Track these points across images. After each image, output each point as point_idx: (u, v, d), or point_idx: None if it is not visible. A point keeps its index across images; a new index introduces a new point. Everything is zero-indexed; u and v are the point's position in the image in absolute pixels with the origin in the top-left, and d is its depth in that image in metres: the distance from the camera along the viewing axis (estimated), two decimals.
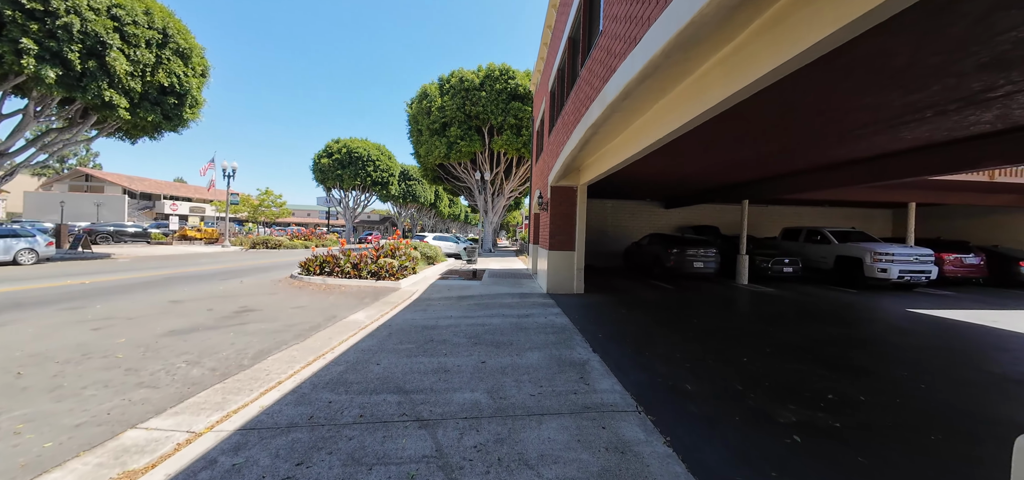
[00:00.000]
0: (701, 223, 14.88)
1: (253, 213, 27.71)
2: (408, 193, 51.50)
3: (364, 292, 8.65)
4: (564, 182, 8.46)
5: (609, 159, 6.59)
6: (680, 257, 10.13)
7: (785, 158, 7.50)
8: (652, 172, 9.37)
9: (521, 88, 23.01)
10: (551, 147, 9.07)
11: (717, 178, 9.63)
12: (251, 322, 5.64)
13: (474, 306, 7.05)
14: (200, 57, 16.04)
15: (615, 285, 10.04)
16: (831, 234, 10.86)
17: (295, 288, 8.80)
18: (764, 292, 9.22)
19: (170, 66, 14.55)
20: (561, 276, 8.54)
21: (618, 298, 8.17)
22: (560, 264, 8.53)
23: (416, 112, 26.14)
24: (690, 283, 10.28)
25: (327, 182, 40.41)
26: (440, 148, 24.24)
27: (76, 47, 11.45)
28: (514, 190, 29.39)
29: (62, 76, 11.49)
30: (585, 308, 7.01)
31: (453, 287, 9.34)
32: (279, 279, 10.17)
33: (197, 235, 25.52)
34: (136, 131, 16.34)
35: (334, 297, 7.91)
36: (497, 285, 9.75)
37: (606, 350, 4.49)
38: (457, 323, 5.70)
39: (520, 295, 8.25)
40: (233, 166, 23.48)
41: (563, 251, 8.57)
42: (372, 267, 9.96)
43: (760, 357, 4.48)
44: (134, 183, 48.15)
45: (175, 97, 15.12)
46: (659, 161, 8.24)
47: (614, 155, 6.30)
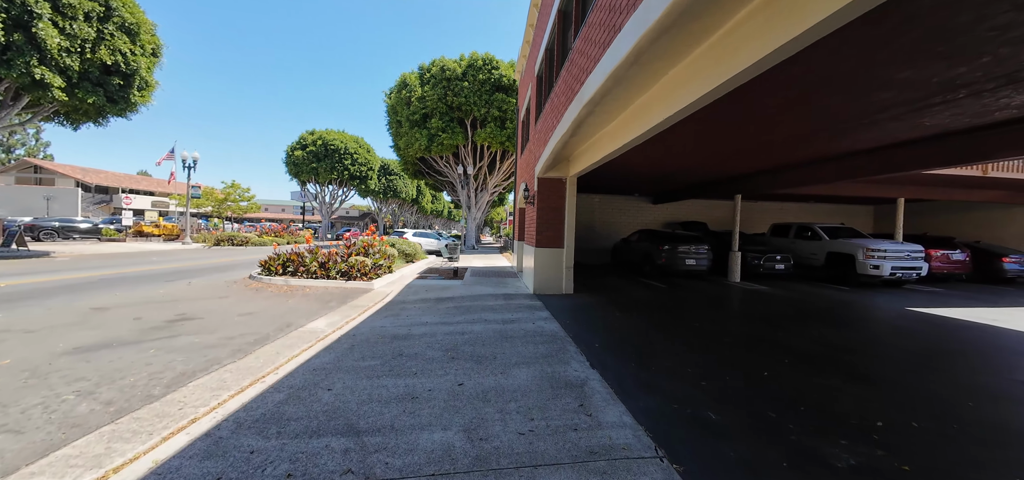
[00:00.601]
0: (689, 219, 14.56)
1: (218, 208, 25.86)
2: (389, 188, 49.96)
3: (331, 294, 7.76)
4: (552, 173, 7.80)
5: (603, 146, 5.95)
6: (671, 254, 9.66)
7: (787, 148, 7.06)
8: (645, 163, 8.82)
9: (505, 79, 22.22)
10: (538, 136, 8.38)
11: (712, 171, 9.18)
12: (183, 334, 4.73)
13: (453, 310, 6.30)
14: (150, 34, 14.55)
15: (605, 284, 9.48)
16: (822, 230, 10.65)
17: (251, 291, 7.81)
18: (759, 291, 8.85)
19: (114, 43, 13.07)
20: (549, 275, 7.89)
21: (609, 299, 7.58)
22: (548, 262, 7.88)
23: (395, 103, 24.96)
24: (682, 281, 9.84)
25: (301, 176, 38.52)
26: (420, 140, 23.21)
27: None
28: (498, 185, 28.62)
29: None
30: (576, 311, 6.37)
31: (431, 288, 8.56)
32: (235, 280, 9.12)
33: (155, 231, 23.62)
34: (77, 115, 14.72)
35: (295, 301, 7.00)
36: (480, 285, 9.02)
37: (605, 364, 3.84)
38: (433, 331, 4.95)
39: (504, 296, 7.55)
40: (193, 156, 21.78)
41: (551, 248, 7.92)
42: (342, 266, 9.05)
43: (780, 369, 3.94)
44: (89, 175, 44.77)
45: (120, 77, 13.62)
46: (655, 151, 7.68)
47: (609, 141, 5.67)
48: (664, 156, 8.14)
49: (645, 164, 8.90)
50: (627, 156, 7.77)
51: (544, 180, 7.93)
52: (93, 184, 43.59)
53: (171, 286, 8.02)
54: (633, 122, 4.69)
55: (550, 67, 7.62)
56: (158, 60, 15.35)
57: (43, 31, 10.51)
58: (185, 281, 8.64)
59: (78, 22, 12.09)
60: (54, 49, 11.04)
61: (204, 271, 10.64)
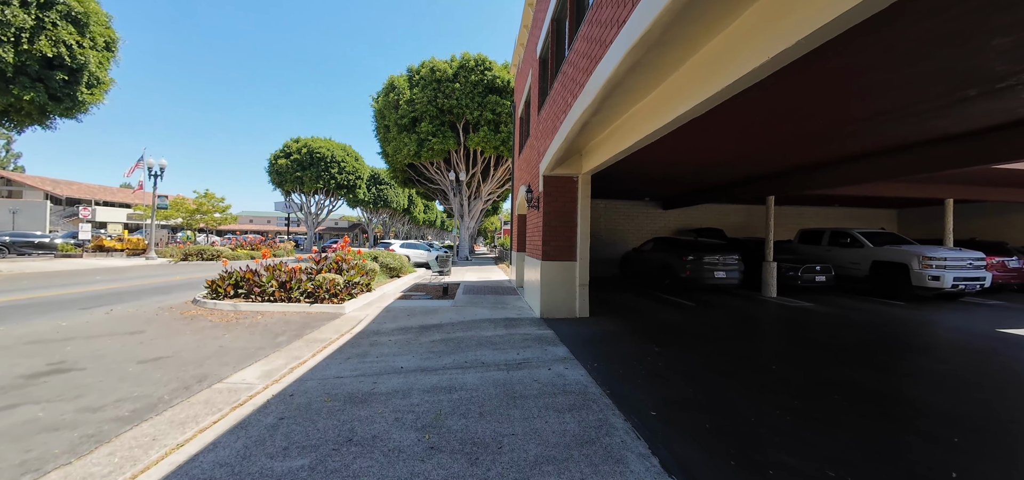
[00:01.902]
0: (703, 226, 13.27)
1: (189, 219, 24.00)
2: (379, 198, 48.32)
3: (288, 323, 6.19)
4: (561, 170, 6.40)
5: (624, 136, 4.60)
6: (697, 266, 8.28)
7: (826, 142, 5.78)
8: (666, 160, 7.49)
9: (499, 80, 20.99)
10: (542, 126, 7.00)
11: (744, 168, 7.88)
12: (26, 403, 3.15)
13: (440, 345, 4.80)
14: (103, 25, 12.98)
15: (621, 303, 8.04)
16: (862, 236, 9.39)
17: (182, 321, 6.21)
18: (806, 309, 7.48)
19: (57, 33, 11.49)
20: (559, 295, 6.43)
21: (635, 325, 6.13)
22: (557, 279, 6.43)
23: (382, 107, 23.57)
24: (711, 298, 8.43)
25: (285, 185, 36.77)
26: (409, 146, 21.79)
27: None
28: (492, 193, 27.25)
29: None
30: (600, 345, 4.91)
31: (415, 311, 7.04)
32: (172, 305, 7.50)
33: (118, 245, 21.65)
34: (18, 116, 12.98)
35: (235, 335, 5.43)
36: (474, 306, 7.52)
37: (685, 458, 2.38)
38: (407, 387, 3.45)
39: (506, 323, 6.06)
40: (160, 164, 20.02)
41: (560, 262, 6.48)
42: (307, 286, 7.49)
43: (953, 448, 2.51)
44: (59, 187, 42.45)
45: (65, 73, 12.00)
46: (683, 142, 6.34)
47: (633, 129, 4.33)
48: (692, 149, 6.81)
49: (666, 160, 7.56)
50: (644, 152, 6.42)
51: (551, 179, 6.53)
52: (64, 196, 41.24)
53: (84, 316, 6.37)
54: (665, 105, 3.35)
55: (558, 40, 6.27)
56: (113, 55, 13.74)
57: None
58: (107, 309, 6.98)
59: (11, 7, 10.52)
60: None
61: (144, 293, 8.96)
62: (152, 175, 20.12)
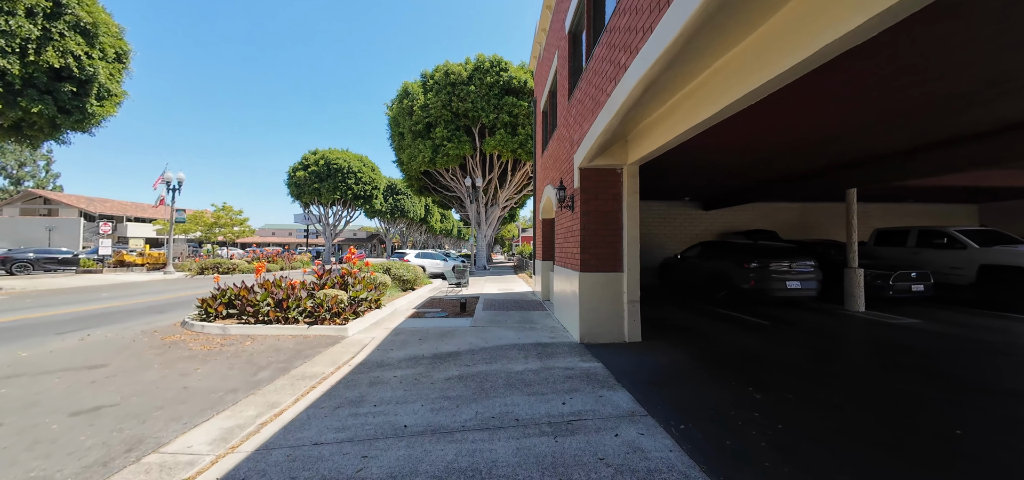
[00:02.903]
0: (750, 227, 11.75)
1: (207, 232, 24.00)
2: (396, 208, 48.20)
3: (279, 351, 5.23)
4: (602, 161, 5.23)
5: (689, 111, 3.50)
6: (763, 274, 6.89)
7: (957, 111, 4.40)
8: (727, 146, 6.22)
9: (516, 81, 20.07)
10: (575, 112, 5.88)
11: (820, 155, 6.50)
12: None
13: (457, 387, 3.68)
14: (113, 36, 12.73)
15: (672, 320, 6.74)
16: (964, 235, 7.77)
17: (160, 348, 5.33)
18: (922, 330, 5.94)
19: (64, 44, 11.20)
20: (601, 314, 5.23)
21: (706, 353, 4.85)
22: (599, 295, 5.23)
23: (396, 114, 23.03)
24: (783, 313, 7.00)
25: (304, 197, 36.88)
26: (424, 152, 21.06)
27: None
28: (510, 199, 26.23)
29: None
30: (674, 388, 3.68)
31: (428, 333, 5.96)
32: (157, 328, 6.69)
33: (138, 260, 21.72)
34: (31, 130, 12.82)
35: (210, 368, 4.48)
36: (497, 326, 6.38)
37: None
38: (409, 468, 2.33)
39: (539, 351, 4.89)
40: (178, 178, 19.95)
41: (603, 273, 5.28)
42: (307, 304, 6.55)
43: None
44: (93, 204, 44.16)
45: (74, 84, 11.71)
46: (758, 121, 5.08)
47: (705, 100, 3.22)
48: (769, 130, 5.52)
49: (728, 147, 6.28)
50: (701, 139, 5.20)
51: (590, 172, 5.37)
52: (97, 213, 42.81)
53: (54, 342, 5.59)
54: (758, 62, 2.17)
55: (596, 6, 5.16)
56: (124, 67, 13.49)
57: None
58: (85, 333, 6.21)
59: (17, 17, 10.23)
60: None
61: (138, 313, 8.25)
62: (170, 189, 20.07)
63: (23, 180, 49.10)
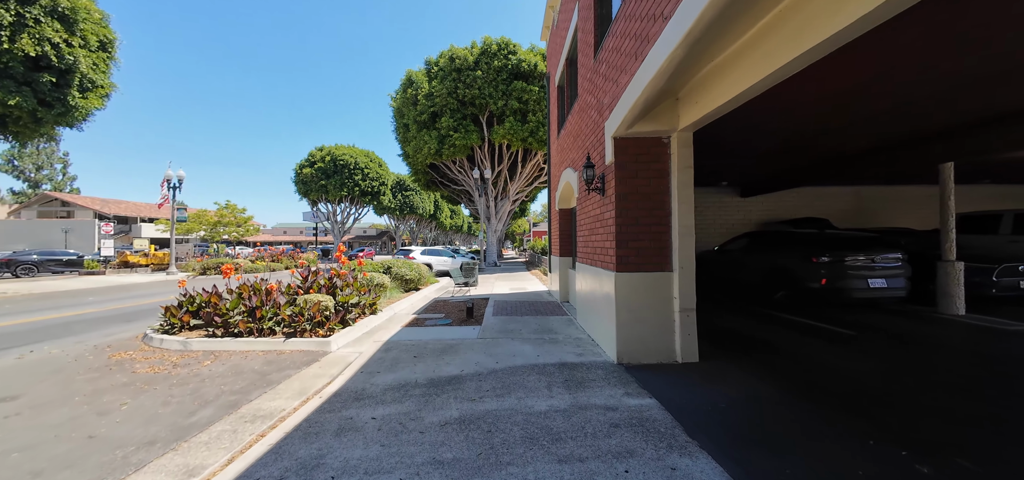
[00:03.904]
0: (797, 215, 10.31)
1: (211, 231, 23.53)
2: (405, 204, 47.44)
3: (239, 374, 4.21)
4: (644, 127, 4.02)
5: (769, 54, 2.25)
6: (837, 270, 5.57)
7: None
8: (800, 104, 4.94)
9: (525, 65, 18.79)
10: (607, 67, 4.66)
11: (907, 120, 5.14)
12: None
13: (456, 441, 2.56)
14: (96, 23, 11.93)
15: (727, 329, 5.51)
16: None
17: (99, 371, 4.37)
18: None
19: (40, 31, 10.41)
20: (645, 326, 4.04)
21: (796, 381, 3.64)
22: (642, 301, 4.05)
23: (401, 104, 22.02)
24: (864, 317, 5.68)
25: (311, 194, 36.37)
26: (430, 143, 20.00)
27: None
28: (520, 192, 25.03)
29: None
30: (777, 447, 2.49)
31: (425, 349, 4.87)
32: (112, 343, 5.77)
33: (143, 261, 21.31)
34: (16, 126, 12.15)
35: (139, 403, 3.48)
36: (510, 338, 5.25)
37: None
38: None
39: (564, 375, 3.75)
40: (179, 175, 19.35)
41: (645, 273, 4.09)
42: (285, 313, 5.53)
43: None
44: (108, 206, 44.61)
45: (52, 74, 10.95)
46: (857, 65, 3.79)
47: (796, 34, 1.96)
48: (852, 85, 4.22)
49: (800, 104, 5.00)
50: (762, 100, 3.95)
51: (628, 143, 4.17)
52: (112, 214, 43.23)
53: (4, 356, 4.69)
54: None
55: None
56: (109, 56, 12.71)
57: None
58: (29, 349, 5.31)
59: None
60: None
61: (108, 321, 7.40)
62: (171, 187, 19.50)
63: (41, 183, 50.05)
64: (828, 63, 3.33)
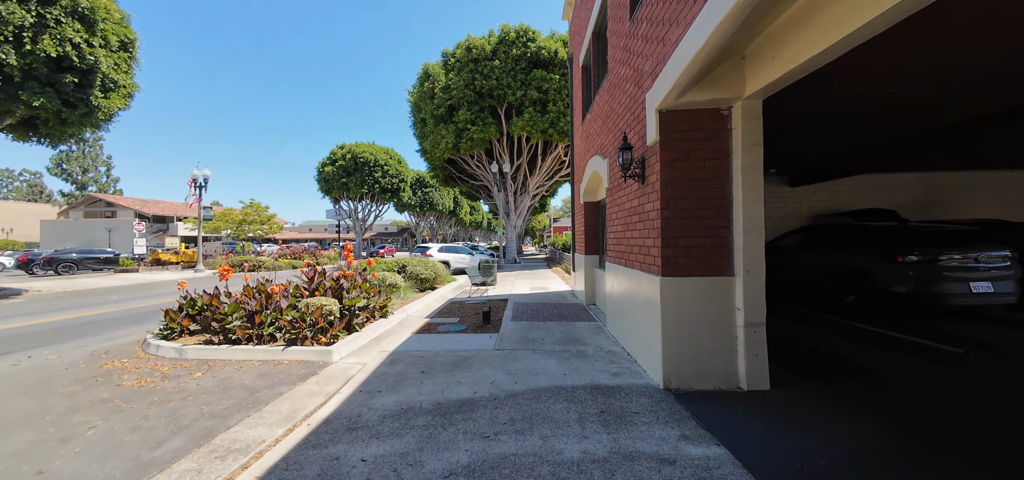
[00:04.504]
0: (852, 206, 9.07)
1: (236, 230, 24.04)
2: (425, 201, 47.51)
3: (227, 391, 3.74)
4: (698, 96, 3.23)
5: None
6: (931, 272, 4.56)
7: None
8: (894, 65, 3.99)
9: (545, 52, 17.94)
10: (645, 30, 3.88)
11: None
12: None
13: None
14: (116, 23, 11.99)
15: (800, 347, 4.63)
16: None
17: (87, 381, 4.02)
18: None
19: (61, 31, 10.47)
20: (699, 343, 3.28)
21: (909, 420, 2.81)
22: (693, 311, 3.28)
23: (418, 99, 21.63)
24: (967, 328, 4.66)
25: (333, 192, 36.83)
26: (447, 138, 19.51)
27: None
28: (540, 186, 24.23)
29: None
30: None
31: (435, 361, 4.26)
32: (111, 349, 5.50)
33: (173, 259, 21.99)
34: (45, 128, 12.45)
35: (113, 425, 3.05)
36: (531, 351, 4.58)
37: None
38: None
39: (599, 405, 3.05)
40: (204, 175, 19.72)
41: (700, 277, 3.32)
42: (286, 318, 5.07)
43: None
44: (148, 206, 46.87)
45: (75, 75, 11.04)
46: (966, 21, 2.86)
47: None
48: (973, 38, 3.26)
49: (895, 65, 4.05)
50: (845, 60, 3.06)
51: (676, 117, 3.38)
52: (150, 214, 45.49)
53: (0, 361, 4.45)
54: None
55: None
56: (131, 56, 12.80)
57: None
58: (28, 354, 5.08)
59: (7, 3, 9.52)
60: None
61: (123, 322, 7.24)
62: (197, 187, 19.91)
63: (87, 185, 53.32)
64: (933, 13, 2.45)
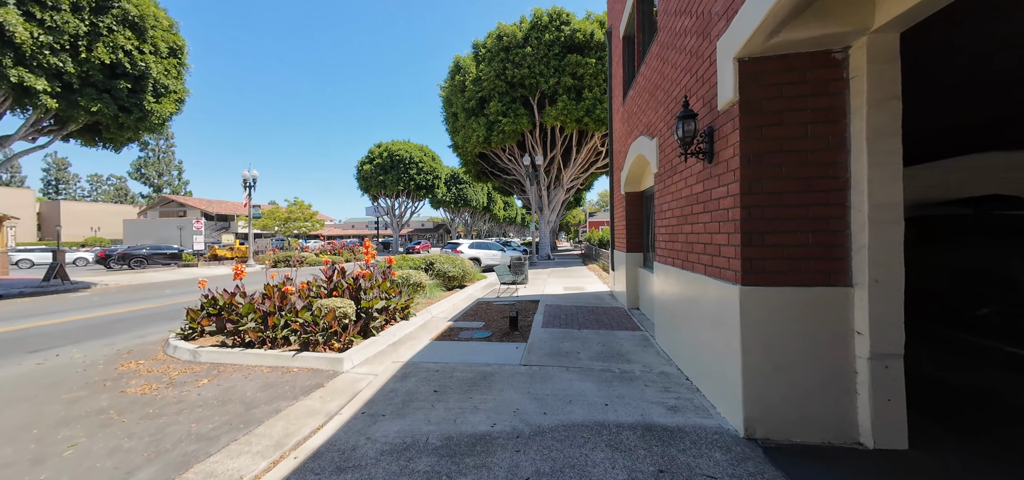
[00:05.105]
0: (963, 193, 7.35)
1: (282, 227, 25.29)
2: (459, 197, 47.78)
3: (226, 404, 3.38)
4: (800, 34, 2.30)
5: None
6: None
7: None
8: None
9: (580, 35, 16.87)
10: None
11: None
12: None
13: None
14: (165, 30, 12.58)
15: (929, 375, 3.52)
16: None
17: (96, 386, 3.85)
18: None
19: (114, 39, 11.07)
20: (796, 378, 2.37)
21: None
22: (790, 332, 2.38)
23: (449, 92, 21.36)
24: None
25: (371, 190, 37.91)
26: (478, 131, 19.03)
27: None
28: (575, 179, 23.15)
29: None
30: None
31: (451, 378, 3.67)
32: (135, 348, 5.45)
33: (228, 254, 23.50)
34: (108, 133, 13.39)
35: (88, 448, 2.75)
36: (564, 366, 3.85)
37: None
38: None
39: (653, 451, 2.27)
40: (253, 175, 20.75)
41: (798, 289, 2.40)
42: (298, 321, 4.73)
43: None
44: (212, 206, 51.08)
45: (128, 81, 11.69)
46: None
47: None
48: None
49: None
50: None
51: (765, 66, 2.48)
52: (215, 213, 49.59)
53: (16, 367, 4.49)
54: None
55: None
56: (180, 62, 13.44)
57: (2, 17, 8.43)
58: (55, 353, 5.13)
59: (62, 13, 10.11)
60: (26, 42, 9.01)
61: (163, 318, 7.40)
62: (246, 186, 21.01)
63: (162, 188, 59.30)
64: None
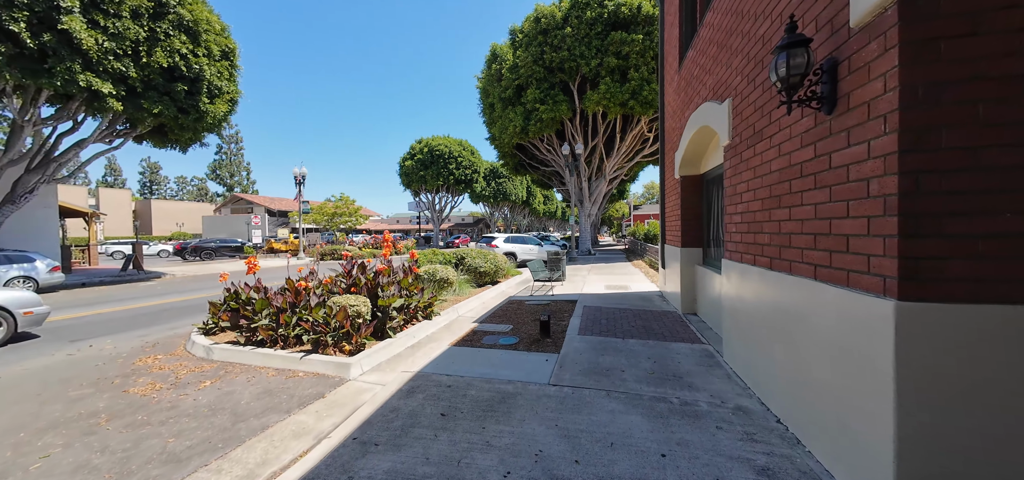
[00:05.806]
0: None
1: (329, 222, 26.53)
2: (499, 191, 47.54)
3: (216, 413, 3.00)
4: None
5: None
6: None
7: None
8: None
9: (625, 9, 15.49)
10: None
11: None
12: None
13: None
14: (217, 34, 13.20)
15: None
16: None
17: (102, 384, 3.70)
18: None
19: (170, 44, 11.72)
20: (994, 445, 1.38)
21: None
22: (993, 380, 1.39)
23: (486, 83, 20.84)
24: None
25: (413, 185, 38.75)
26: (515, 121, 18.32)
27: (20, 14, 8.79)
28: (618, 170, 21.68)
29: (14, 55, 9.01)
30: None
31: (464, 398, 3.03)
32: (161, 341, 5.43)
33: (283, 247, 25.04)
34: (173, 134, 14.42)
35: (64, 457, 2.44)
36: (604, 392, 3.06)
37: None
38: None
39: None
40: (302, 173, 21.77)
41: (1002, 306, 1.39)
42: (309, 319, 4.36)
43: None
44: (274, 203, 55.36)
45: (185, 83, 12.39)
46: None
47: None
48: None
49: None
50: None
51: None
52: (276, 209, 53.77)
53: (48, 357, 4.58)
54: None
55: None
56: (232, 65, 14.10)
57: (68, 24, 9.10)
58: (89, 343, 5.22)
59: (123, 19, 10.78)
60: (92, 49, 9.70)
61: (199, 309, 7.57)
62: (296, 183, 22.10)
63: (233, 187, 65.59)
64: None
